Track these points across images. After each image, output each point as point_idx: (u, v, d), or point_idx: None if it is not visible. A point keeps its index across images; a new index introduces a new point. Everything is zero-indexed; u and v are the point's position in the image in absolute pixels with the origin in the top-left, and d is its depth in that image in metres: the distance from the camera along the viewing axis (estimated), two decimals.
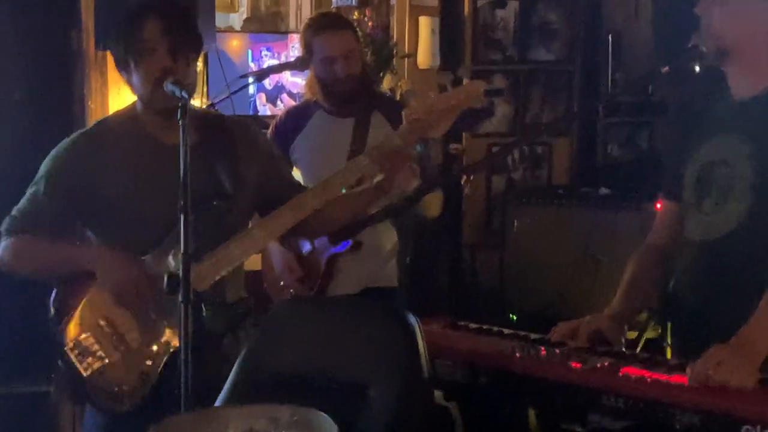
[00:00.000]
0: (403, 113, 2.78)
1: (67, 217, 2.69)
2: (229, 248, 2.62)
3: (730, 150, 2.42)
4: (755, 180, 2.36)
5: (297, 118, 3.69)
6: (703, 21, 2.41)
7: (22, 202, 2.71)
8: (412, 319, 2.23)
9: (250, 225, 2.79)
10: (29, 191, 2.70)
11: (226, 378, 2.38)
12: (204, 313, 2.56)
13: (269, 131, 3.75)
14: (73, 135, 2.75)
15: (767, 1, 2.38)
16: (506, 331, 2.59)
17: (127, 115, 2.75)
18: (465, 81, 4.21)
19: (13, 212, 2.72)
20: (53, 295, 2.69)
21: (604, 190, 5.24)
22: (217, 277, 2.60)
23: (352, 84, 3.50)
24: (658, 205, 2.73)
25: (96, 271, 2.61)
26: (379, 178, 2.76)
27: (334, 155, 3.41)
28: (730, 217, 2.39)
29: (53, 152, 2.72)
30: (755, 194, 2.36)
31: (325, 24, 3.56)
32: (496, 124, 5.73)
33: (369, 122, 3.55)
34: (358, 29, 5.34)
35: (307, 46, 3.57)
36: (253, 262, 4.29)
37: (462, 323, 2.69)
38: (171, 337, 2.60)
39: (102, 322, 2.64)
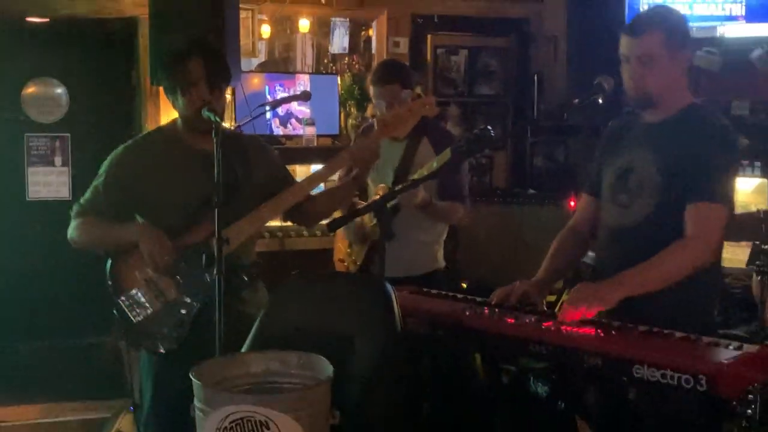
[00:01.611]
0: (375, 120, 2.75)
1: (119, 204, 2.69)
2: (241, 221, 2.62)
3: (640, 159, 2.39)
4: (660, 182, 2.34)
5: (363, 132, 3.48)
6: (631, 78, 2.36)
7: (87, 192, 2.73)
8: (388, 287, 2.22)
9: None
10: (93, 185, 2.73)
11: (244, 323, 2.36)
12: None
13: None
14: (127, 143, 2.76)
15: (675, 60, 2.35)
16: (459, 296, 2.59)
17: (169, 129, 2.75)
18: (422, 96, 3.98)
19: (81, 200, 2.73)
20: (109, 263, 2.67)
21: (531, 191, 5.23)
22: (240, 242, 2.59)
23: None
24: (572, 203, 2.72)
25: (138, 242, 2.59)
26: (356, 171, 2.77)
27: (381, 172, 3.27)
28: (642, 209, 2.37)
29: (111, 156, 2.73)
30: (660, 193, 2.34)
31: (376, 77, 3.33)
32: None
33: (418, 147, 3.34)
34: (347, 72, 5.33)
35: (367, 89, 3.42)
36: (326, 242, 4.06)
37: (425, 290, 2.68)
38: (200, 292, 2.56)
39: (146, 280, 2.62)
